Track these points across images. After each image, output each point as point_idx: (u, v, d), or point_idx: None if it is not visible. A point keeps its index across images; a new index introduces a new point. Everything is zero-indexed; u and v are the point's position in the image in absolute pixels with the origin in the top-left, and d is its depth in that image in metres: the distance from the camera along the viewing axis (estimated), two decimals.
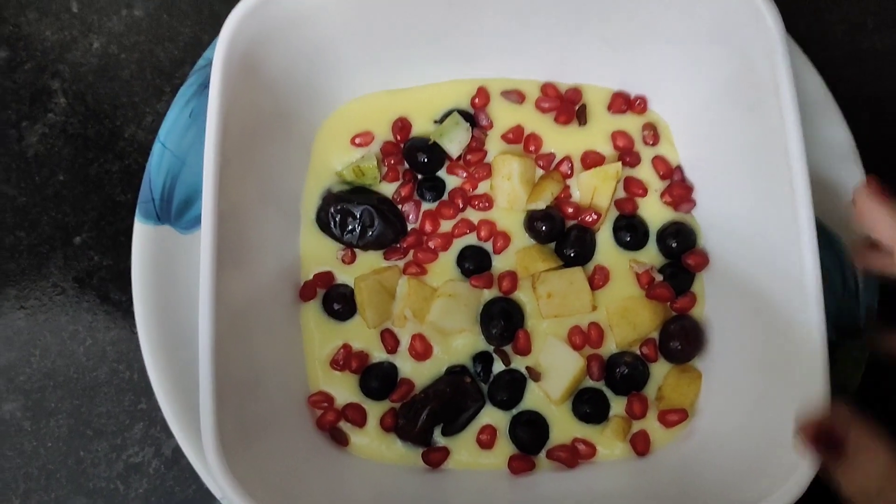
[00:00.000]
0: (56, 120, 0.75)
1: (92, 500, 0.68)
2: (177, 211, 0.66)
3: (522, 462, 0.63)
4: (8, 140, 0.74)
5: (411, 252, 0.67)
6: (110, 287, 0.72)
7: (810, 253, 0.54)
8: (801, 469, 0.51)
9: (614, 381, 0.64)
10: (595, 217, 0.66)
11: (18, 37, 0.76)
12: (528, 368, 0.64)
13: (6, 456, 0.69)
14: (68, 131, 0.74)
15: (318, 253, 0.67)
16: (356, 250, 0.67)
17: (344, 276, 0.66)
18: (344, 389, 0.65)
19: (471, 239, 0.67)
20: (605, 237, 0.67)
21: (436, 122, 0.69)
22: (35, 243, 0.73)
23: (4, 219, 0.73)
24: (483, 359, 0.65)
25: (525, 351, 0.65)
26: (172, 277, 0.64)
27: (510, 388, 0.64)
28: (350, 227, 0.65)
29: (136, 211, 0.65)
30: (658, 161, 0.68)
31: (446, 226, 0.67)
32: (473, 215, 0.67)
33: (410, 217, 0.67)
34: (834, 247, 0.65)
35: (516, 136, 0.68)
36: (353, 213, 0.65)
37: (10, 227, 0.73)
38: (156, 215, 0.65)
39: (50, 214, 0.73)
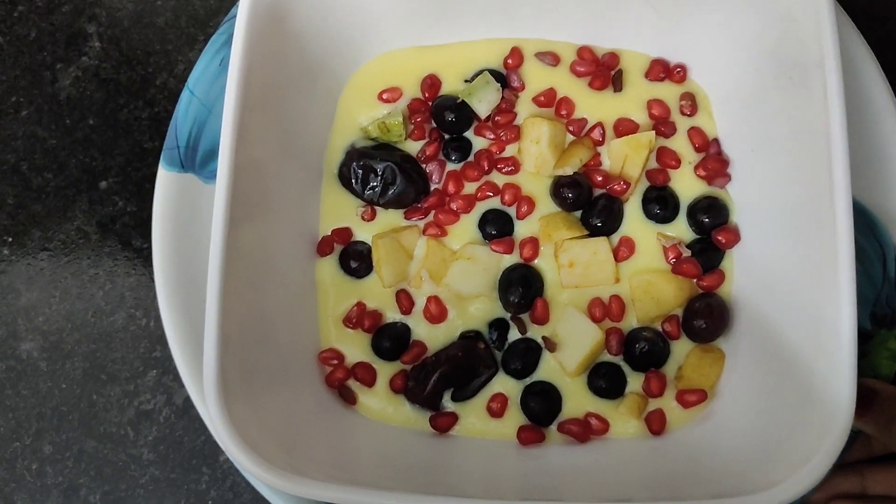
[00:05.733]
0: (90, 64, 0.75)
1: (101, 444, 0.68)
2: (201, 160, 0.65)
3: (532, 433, 0.61)
4: (42, 82, 0.75)
5: (432, 212, 0.65)
6: (132, 233, 0.72)
7: (845, 239, 0.51)
8: (817, 459, 0.49)
9: (633, 357, 0.62)
10: (624, 186, 0.64)
11: None
12: (544, 338, 0.63)
13: (21, 395, 0.70)
14: (101, 76, 0.75)
15: (338, 208, 0.66)
16: (377, 208, 0.66)
17: (363, 233, 0.66)
18: (355, 348, 0.64)
19: (494, 202, 0.66)
20: (633, 208, 0.65)
21: (466, 81, 0.67)
22: (62, 186, 0.73)
23: (34, 160, 0.74)
24: (499, 325, 0.63)
25: (542, 320, 0.63)
26: (193, 227, 0.64)
27: (524, 357, 0.63)
28: (372, 184, 0.64)
29: (161, 158, 0.65)
30: (694, 132, 0.65)
31: (470, 188, 0.66)
32: (498, 178, 0.66)
33: (434, 177, 0.66)
34: (874, 231, 0.62)
35: (548, 100, 0.67)
36: (375, 170, 0.64)
37: (38, 169, 0.74)
38: (180, 163, 0.65)
39: (78, 158, 0.74)
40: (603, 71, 0.67)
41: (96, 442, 0.68)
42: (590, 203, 0.65)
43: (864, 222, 0.62)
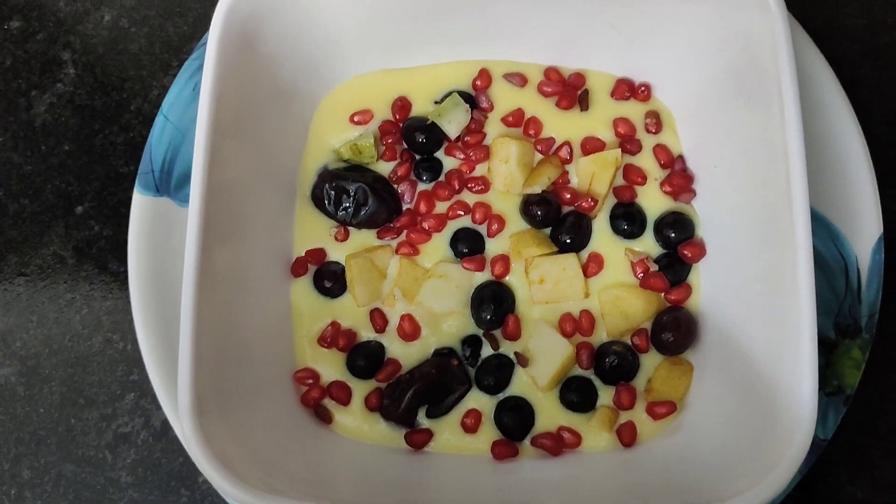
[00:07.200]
0: (65, 90, 0.75)
1: (80, 468, 0.68)
2: (176, 184, 0.66)
3: (506, 448, 0.62)
4: (17, 108, 0.75)
5: (405, 232, 0.66)
6: (109, 257, 0.72)
7: (804, 250, 0.52)
8: (779, 469, 0.49)
9: (603, 371, 0.63)
10: (592, 203, 0.65)
11: (32, 7, 0.77)
12: (516, 354, 0.63)
13: None
14: (76, 102, 0.75)
15: (312, 229, 0.67)
16: (350, 228, 0.66)
17: (336, 253, 0.66)
18: (330, 367, 0.64)
19: (465, 221, 0.66)
20: (601, 224, 0.66)
21: (436, 102, 0.68)
22: (38, 211, 0.73)
23: (10, 186, 0.74)
24: (472, 342, 0.64)
25: (514, 336, 0.64)
26: (169, 250, 0.64)
27: (497, 373, 0.63)
28: (344, 205, 0.65)
29: (136, 182, 0.65)
30: (659, 149, 0.66)
31: (441, 207, 0.67)
32: (469, 197, 0.67)
33: (406, 197, 0.67)
34: (837, 243, 0.63)
35: (516, 120, 0.68)
36: (347, 191, 0.65)
37: (14, 195, 0.74)
38: (155, 187, 0.65)
39: (54, 183, 0.74)
40: (569, 91, 0.68)
41: (74, 466, 0.68)
42: (559, 220, 0.65)
43: (827, 234, 0.63)
